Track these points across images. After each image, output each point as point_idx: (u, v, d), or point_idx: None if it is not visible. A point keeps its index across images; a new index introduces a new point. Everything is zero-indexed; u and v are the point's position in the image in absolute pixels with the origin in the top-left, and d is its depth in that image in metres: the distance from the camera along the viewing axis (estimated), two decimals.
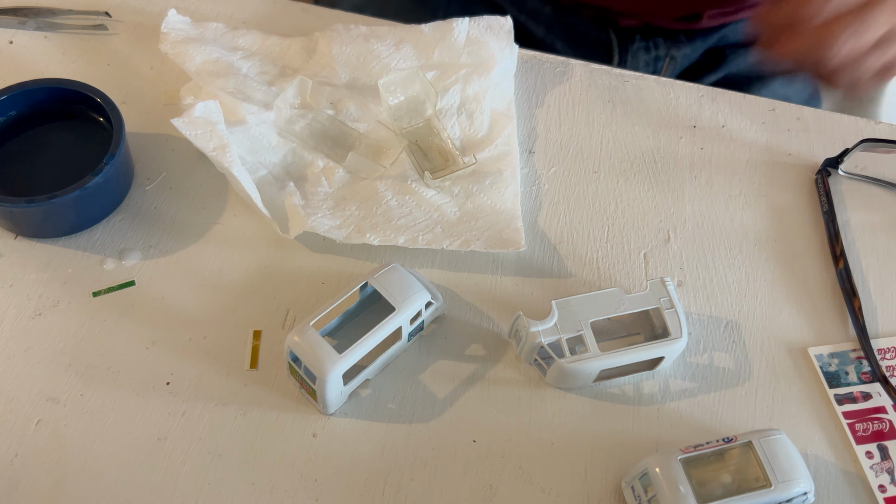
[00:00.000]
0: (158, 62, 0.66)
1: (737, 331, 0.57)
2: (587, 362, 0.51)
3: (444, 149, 0.60)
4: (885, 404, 0.54)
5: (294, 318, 0.56)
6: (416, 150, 0.60)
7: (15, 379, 0.52)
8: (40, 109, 0.60)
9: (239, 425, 0.51)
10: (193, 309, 0.55)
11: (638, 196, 0.63)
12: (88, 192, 0.55)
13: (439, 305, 0.54)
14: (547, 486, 0.50)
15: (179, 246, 0.58)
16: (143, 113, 0.64)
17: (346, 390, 0.51)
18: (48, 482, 0.49)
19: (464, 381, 0.54)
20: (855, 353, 0.56)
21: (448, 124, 0.63)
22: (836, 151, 0.65)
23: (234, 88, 0.61)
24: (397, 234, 0.57)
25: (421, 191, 0.60)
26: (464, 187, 0.60)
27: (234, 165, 0.56)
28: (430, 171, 0.59)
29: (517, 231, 0.58)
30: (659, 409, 0.53)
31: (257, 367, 0.53)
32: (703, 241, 0.61)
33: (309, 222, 0.57)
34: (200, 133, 0.57)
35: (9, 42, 0.67)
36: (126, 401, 0.52)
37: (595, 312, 0.52)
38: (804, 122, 0.67)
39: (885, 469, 0.52)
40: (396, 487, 0.50)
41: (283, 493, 0.49)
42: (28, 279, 0.56)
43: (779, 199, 0.63)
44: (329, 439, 0.51)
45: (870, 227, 0.62)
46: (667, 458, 0.47)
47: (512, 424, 0.52)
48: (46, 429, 0.51)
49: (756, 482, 0.46)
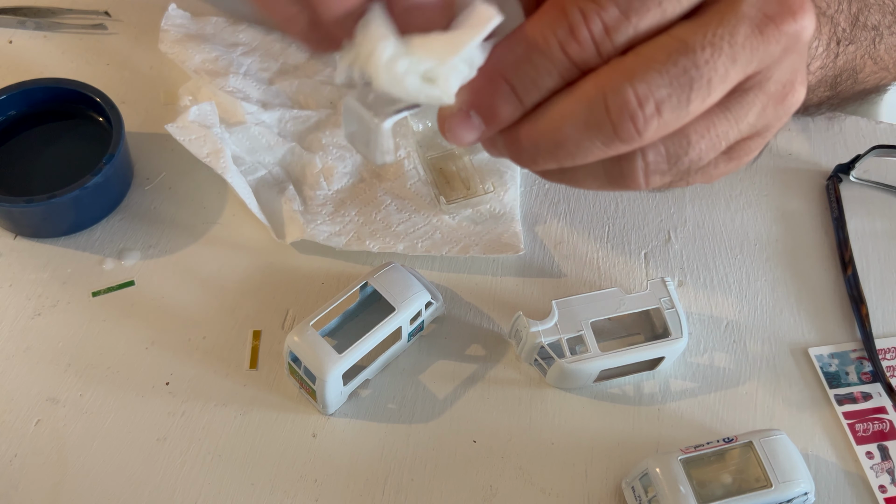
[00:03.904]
0: (158, 62, 0.66)
1: (737, 331, 0.57)
2: (587, 362, 0.51)
3: (467, 176, 0.60)
4: (886, 405, 0.54)
5: (294, 318, 0.55)
6: (439, 176, 0.60)
7: (14, 379, 0.52)
8: (40, 109, 0.60)
9: (239, 425, 0.51)
10: (193, 309, 0.55)
11: (638, 196, 0.62)
12: (88, 191, 0.55)
13: (439, 305, 0.54)
14: (547, 487, 0.50)
15: (179, 246, 0.58)
16: (143, 113, 0.64)
17: (345, 390, 0.51)
18: (48, 482, 0.49)
19: (464, 381, 0.54)
20: (855, 354, 0.56)
21: None
22: (837, 152, 0.64)
23: (234, 87, 0.61)
24: (396, 241, 0.57)
25: (420, 195, 0.60)
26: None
27: (227, 171, 0.56)
28: (447, 196, 0.59)
29: (516, 235, 0.58)
30: (659, 409, 0.53)
31: (257, 367, 0.53)
32: (704, 241, 0.61)
33: (308, 230, 0.57)
34: (194, 138, 0.57)
35: (8, 42, 0.67)
36: (126, 401, 0.52)
37: (595, 312, 0.52)
38: (804, 121, 0.67)
39: (886, 469, 0.52)
40: (396, 487, 0.50)
41: (282, 493, 0.49)
42: (27, 279, 0.56)
43: (779, 199, 0.63)
44: (329, 439, 0.51)
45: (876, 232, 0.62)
46: (667, 458, 0.47)
47: (512, 424, 0.52)
48: (46, 429, 0.51)
49: (756, 482, 0.46)
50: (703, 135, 0.32)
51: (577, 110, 0.31)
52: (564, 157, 0.32)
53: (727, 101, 0.32)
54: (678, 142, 0.32)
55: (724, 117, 0.32)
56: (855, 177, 0.63)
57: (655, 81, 0.30)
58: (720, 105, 0.32)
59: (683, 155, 0.32)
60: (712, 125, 0.32)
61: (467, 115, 0.32)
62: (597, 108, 0.30)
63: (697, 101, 0.31)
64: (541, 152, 0.33)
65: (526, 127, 0.33)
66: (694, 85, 0.30)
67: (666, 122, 0.31)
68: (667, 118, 0.30)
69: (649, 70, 0.30)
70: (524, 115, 0.33)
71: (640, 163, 0.33)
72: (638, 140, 0.31)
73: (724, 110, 0.32)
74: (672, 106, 0.30)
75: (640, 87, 0.30)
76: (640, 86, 0.30)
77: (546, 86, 0.32)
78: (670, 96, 0.30)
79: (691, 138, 0.32)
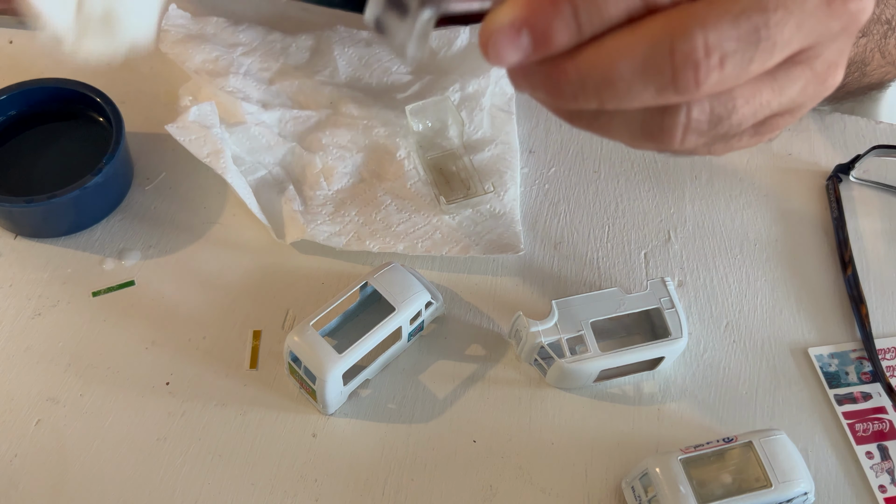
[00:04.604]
0: (158, 62, 0.66)
1: (737, 331, 0.57)
2: (587, 362, 0.51)
3: (467, 176, 0.60)
4: (886, 404, 0.54)
5: (294, 318, 0.55)
6: (439, 176, 0.60)
7: (14, 379, 0.52)
8: (40, 109, 0.60)
9: (239, 425, 0.51)
10: (193, 309, 0.55)
11: (638, 196, 0.62)
12: (88, 191, 0.55)
13: (439, 305, 0.54)
14: (547, 486, 0.50)
15: (179, 246, 0.58)
16: (143, 113, 0.64)
17: (345, 390, 0.51)
18: (48, 482, 0.49)
19: (464, 381, 0.54)
20: (855, 354, 0.56)
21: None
22: (837, 152, 0.64)
23: (234, 87, 0.61)
24: (396, 241, 0.57)
25: (420, 195, 0.60)
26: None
27: (227, 171, 0.56)
28: (447, 196, 0.59)
29: (516, 235, 0.58)
30: (659, 409, 0.53)
31: (257, 367, 0.53)
32: (704, 241, 0.61)
33: (308, 230, 0.57)
34: (194, 139, 0.57)
35: (9, 42, 0.67)
36: (126, 401, 0.52)
37: (595, 312, 0.52)
38: (804, 121, 0.67)
39: (886, 469, 0.52)
40: (396, 487, 0.50)
41: (283, 493, 0.49)
42: (27, 279, 0.56)
43: (779, 199, 0.63)
44: (329, 439, 0.51)
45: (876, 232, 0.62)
46: (667, 458, 0.47)
47: (512, 424, 0.52)
48: (46, 429, 0.51)
49: (756, 482, 0.46)
50: (749, 100, 0.31)
51: (638, 48, 0.29)
52: (610, 98, 0.30)
53: (776, 70, 0.31)
54: (724, 104, 0.31)
55: (770, 87, 0.32)
56: (855, 177, 0.63)
57: (726, 33, 0.29)
58: (769, 74, 0.31)
59: (726, 118, 0.31)
60: (758, 92, 0.31)
61: (517, 33, 0.29)
62: (661, 49, 0.29)
63: (759, 61, 0.30)
64: (586, 89, 0.30)
65: (576, 58, 0.30)
66: (761, 45, 0.29)
67: (724, 78, 0.29)
68: (727, 73, 0.29)
69: (721, 20, 0.29)
70: (575, 47, 0.30)
71: (683, 118, 0.31)
72: (694, 91, 0.29)
73: (771, 80, 0.31)
74: (735, 62, 0.29)
75: (711, 35, 0.28)
76: (712, 34, 0.28)
77: (611, 16, 0.29)
78: (736, 52, 0.29)
79: (737, 102, 0.31)
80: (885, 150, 0.62)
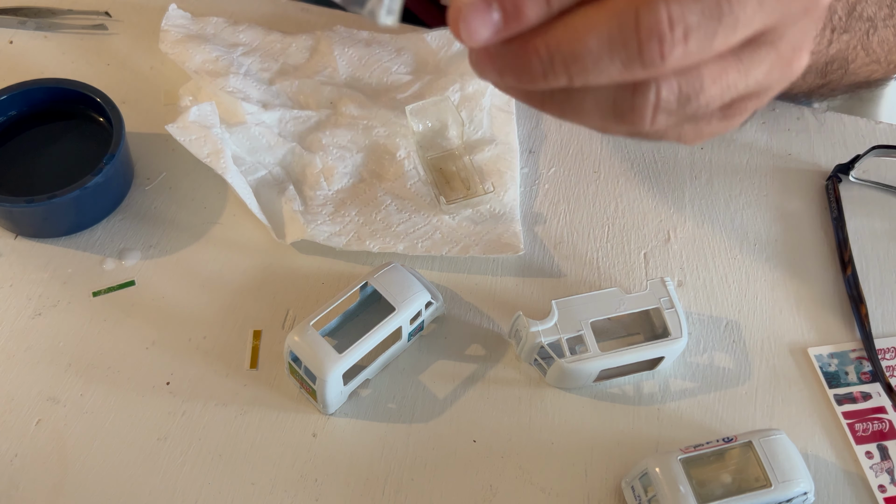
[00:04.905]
0: (158, 62, 0.66)
1: (737, 331, 0.57)
2: (587, 362, 0.51)
3: (467, 176, 0.60)
4: (885, 404, 0.54)
5: (294, 318, 0.56)
6: (439, 176, 0.60)
7: (15, 379, 0.52)
8: (40, 109, 0.60)
9: (239, 425, 0.51)
10: (193, 309, 0.55)
11: (638, 196, 0.63)
12: (88, 192, 0.55)
13: (439, 305, 0.54)
14: (547, 486, 0.50)
15: (179, 246, 0.58)
16: (143, 113, 0.64)
17: (346, 390, 0.51)
18: (48, 482, 0.49)
19: (464, 381, 0.54)
20: (854, 354, 0.56)
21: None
22: (837, 152, 0.65)
23: (234, 88, 0.61)
24: (396, 241, 0.57)
25: (420, 195, 0.60)
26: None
27: (227, 171, 0.56)
28: (447, 196, 0.59)
29: (516, 235, 0.58)
30: (659, 409, 0.53)
31: (257, 367, 0.54)
32: (704, 241, 0.61)
33: (308, 230, 0.57)
34: (194, 139, 0.57)
35: (9, 42, 0.67)
36: (126, 401, 0.52)
37: (595, 312, 0.52)
38: (804, 121, 0.67)
39: (885, 469, 0.52)
40: (396, 487, 0.50)
41: (283, 493, 0.49)
42: (28, 279, 0.56)
43: (779, 199, 0.63)
44: (329, 439, 0.51)
45: (876, 232, 0.62)
46: (667, 458, 0.47)
47: (512, 424, 0.52)
48: (46, 429, 0.51)
49: (756, 482, 0.46)
50: (716, 80, 0.32)
51: (604, 22, 0.30)
52: (578, 73, 0.31)
53: (741, 51, 0.32)
54: (692, 82, 0.32)
55: (735, 67, 0.32)
56: (854, 177, 0.63)
57: (689, 7, 0.29)
58: (734, 54, 0.32)
59: (694, 97, 0.32)
60: (724, 72, 0.32)
61: (487, 8, 0.30)
62: (626, 22, 0.29)
63: (721, 36, 0.30)
64: (555, 65, 0.31)
65: (545, 35, 0.31)
66: (723, 20, 0.30)
67: (689, 53, 0.30)
68: (691, 48, 0.30)
69: None
70: (543, 24, 0.31)
71: (653, 96, 0.32)
72: (660, 64, 0.30)
73: (736, 60, 0.32)
74: (699, 37, 0.30)
75: (674, 9, 0.29)
76: (675, 7, 0.29)
77: None
78: (699, 26, 0.30)
79: (705, 81, 0.32)
80: (884, 150, 0.62)
